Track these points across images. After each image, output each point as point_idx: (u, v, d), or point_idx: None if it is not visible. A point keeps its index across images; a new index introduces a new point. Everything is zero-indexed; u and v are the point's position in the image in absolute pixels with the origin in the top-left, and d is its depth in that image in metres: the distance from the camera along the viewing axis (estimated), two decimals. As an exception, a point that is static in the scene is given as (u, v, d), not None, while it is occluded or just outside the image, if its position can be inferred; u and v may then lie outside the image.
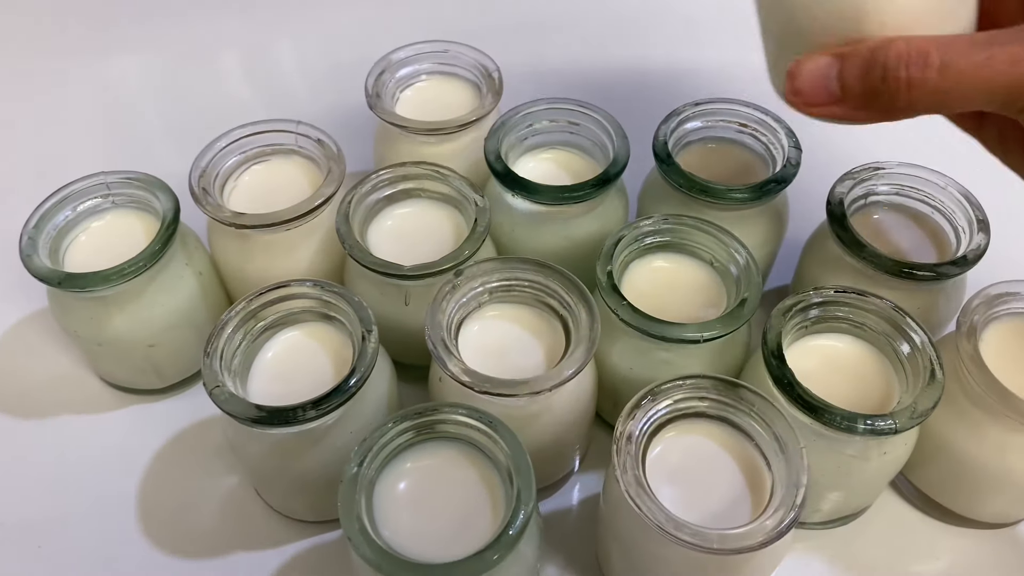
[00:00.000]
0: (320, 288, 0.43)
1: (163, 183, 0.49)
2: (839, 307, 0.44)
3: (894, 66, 0.29)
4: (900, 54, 0.29)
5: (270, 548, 0.47)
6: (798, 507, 0.36)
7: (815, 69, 0.31)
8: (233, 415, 0.39)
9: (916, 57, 0.29)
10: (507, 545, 0.35)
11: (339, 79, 0.68)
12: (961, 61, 0.29)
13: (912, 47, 0.29)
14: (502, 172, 0.49)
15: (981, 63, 0.28)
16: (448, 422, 0.39)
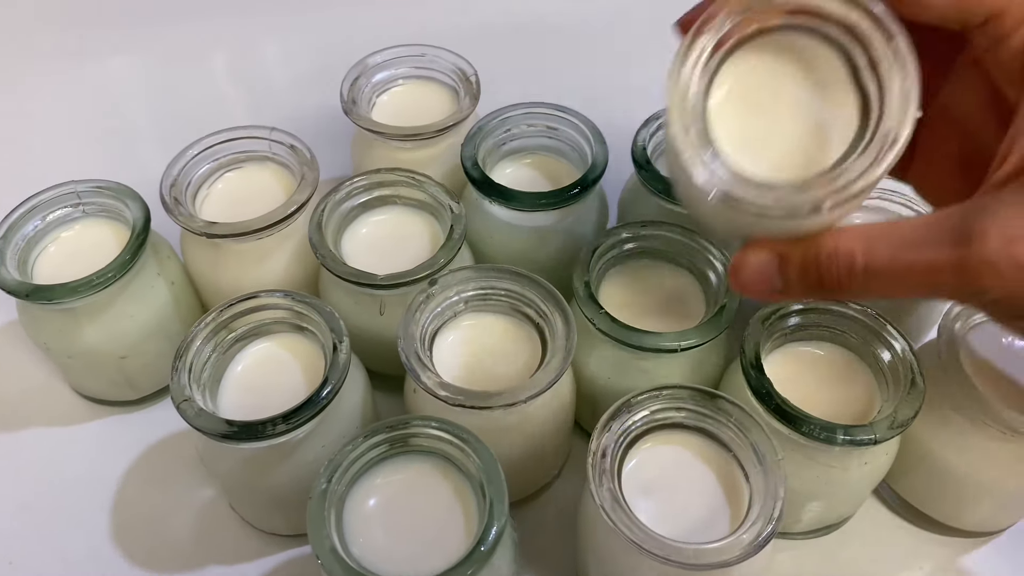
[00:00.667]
0: (291, 299, 0.43)
1: (133, 192, 0.49)
2: (819, 315, 0.43)
3: (826, 267, 0.30)
4: (831, 255, 0.30)
5: (245, 562, 0.46)
6: (776, 520, 0.35)
7: (757, 266, 0.32)
8: (202, 430, 0.39)
9: (843, 260, 0.30)
10: (479, 560, 0.34)
11: (319, 84, 0.67)
12: (883, 264, 0.29)
13: (840, 247, 0.30)
14: (479, 179, 0.49)
15: (903, 268, 0.29)
16: (420, 436, 0.38)
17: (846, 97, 0.31)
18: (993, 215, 0.27)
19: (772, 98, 0.32)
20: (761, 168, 0.31)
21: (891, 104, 0.29)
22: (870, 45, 0.30)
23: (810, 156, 0.31)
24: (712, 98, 0.32)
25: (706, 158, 0.30)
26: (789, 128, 0.32)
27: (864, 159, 0.29)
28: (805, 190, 0.30)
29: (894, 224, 0.29)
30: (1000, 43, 0.29)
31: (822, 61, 0.31)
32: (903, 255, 0.29)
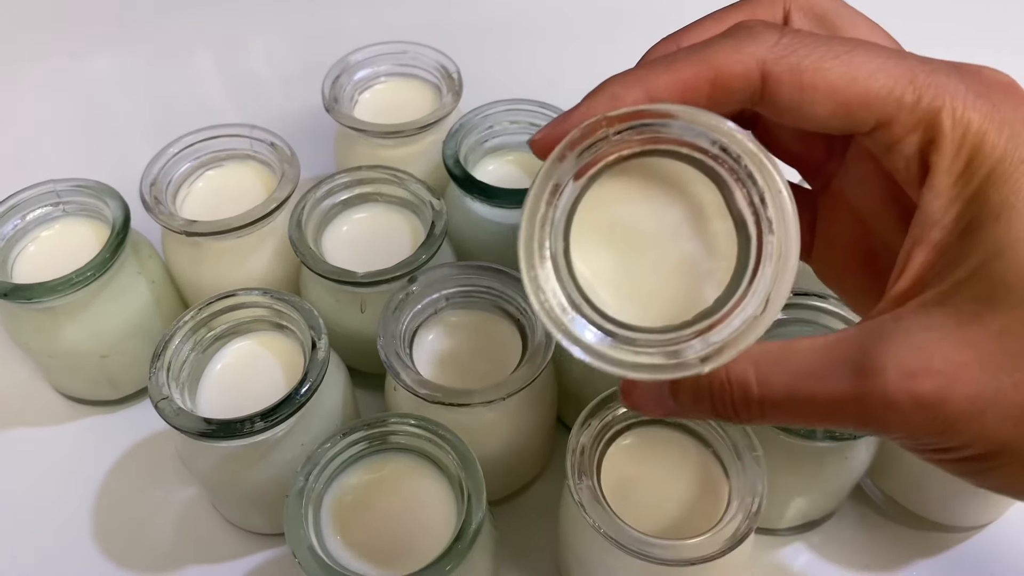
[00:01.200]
0: (270, 296, 0.43)
1: (113, 190, 0.48)
2: (798, 310, 0.43)
3: (719, 397, 0.27)
4: (722, 384, 0.27)
5: (226, 561, 0.46)
6: (754, 515, 0.35)
7: (648, 388, 0.29)
8: (180, 429, 0.39)
9: (737, 389, 0.27)
10: (457, 556, 0.34)
11: (302, 81, 0.67)
12: (780, 396, 0.26)
13: (732, 376, 0.27)
14: (461, 176, 0.48)
15: (803, 400, 0.26)
16: (398, 433, 0.38)
17: (722, 225, 0.26)
18: (891, 345, 0.25)
19: (643, 231, 0.27)
20: (633, 313, 0.27)
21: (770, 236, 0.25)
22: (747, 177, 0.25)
23: (689, 295, 0.27)
24: (574, 233, 0.27)
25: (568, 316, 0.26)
26: (663, 265, 0.27)
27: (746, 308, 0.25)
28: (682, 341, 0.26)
29: (789, 347, 0.26)
30: (891, 150, 0.26)
31: (695, 187, 0.27)
32: (800, 385, 0.26)
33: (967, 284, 0.25)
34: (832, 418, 0.26)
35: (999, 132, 0.25)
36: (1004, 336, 0.24)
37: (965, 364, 0.24)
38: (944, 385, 0.24)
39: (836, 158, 0.31)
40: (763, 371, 0.26)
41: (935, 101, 0.25)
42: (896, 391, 0.24)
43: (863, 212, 0.31)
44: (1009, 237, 0.24)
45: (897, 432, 0.25)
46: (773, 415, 0.27)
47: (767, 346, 0.27)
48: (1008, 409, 0.24)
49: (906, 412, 0.24)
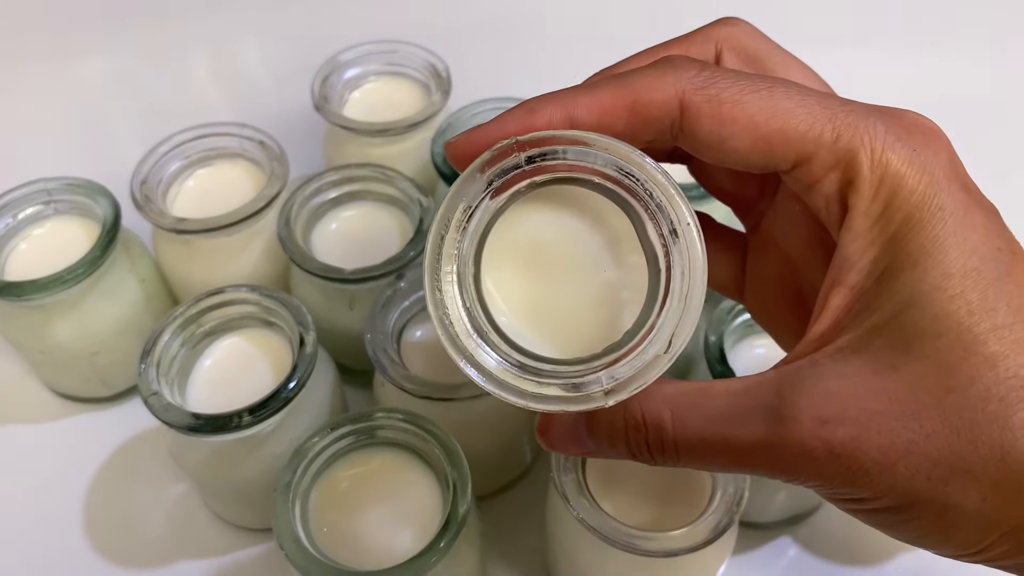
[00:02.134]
0: (258, 293, 0.43)
1: (104, 189, 0.49)
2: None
3: (634, 438, 0.27)
4: (637, 425, 0.27)
5: (217, 556, 0.47)
6: (738, 506, 0.36)
7: (565, 425, 0.29)
8: (169, 424, 0.39)
9: (652, 430, 0.26)
10: (443, 549, 0.35)
11: (293, 80, 0.67)
12: (695, 439, 0.26)
13: (648, 417, 0.26)
14: (449, 174, 0.49)
15: (716, 444, 0.25)
16: (385, 428, 0.39)
17: (633, 257, 0.26)
18: (806, 391, 0.24)
19: (557, 259, 0.26)
20: (545, 342, 0.26)
21: (676, 273, 0.24)
22: (650, 204, 0.25)
23: (602, 326, 0.26)
24: (487, 258, 0.26)
25: (473, 342, 0.25)
26: (577, 295, 0.26)
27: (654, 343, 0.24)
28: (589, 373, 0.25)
29: (705, 390, 0.26)
30: (811, 189, 0.26)
31: (608, 216, 0.26)
32: (714, 430, 0.25)
33: (883, 331, 0.24)
34: (745, 463, 0.26)
35: (918, 176, 0.24)
36: (917, 386, 0.24)
37: (879, 413, 0.24)
38: (857, 434, 0.24)
39: (767, 197, 0.31)
40: (678, 414, 0.26)
41: (853, 141, 0.25)
42: (810, 438, 0.24)
43: (791, 253, 0.31)
44: (924, 285, 0.24)
45: (811, 480, 0.25)
46: (688, 457, 0.26)
47: (683, 387, 0.26)
48: (920, 460, 0.23)
49: (819, 460, 0.24)
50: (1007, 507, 0.23)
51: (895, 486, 0.24)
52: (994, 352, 0.23)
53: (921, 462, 0.23)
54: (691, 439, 0.26)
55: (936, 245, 0.24)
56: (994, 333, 0.23)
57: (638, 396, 0.25)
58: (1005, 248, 0.25)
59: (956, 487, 0.23)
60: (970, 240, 0.24)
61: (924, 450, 0.23)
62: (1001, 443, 0.23)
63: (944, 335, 0.23)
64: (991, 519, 0.24)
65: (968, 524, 0.24)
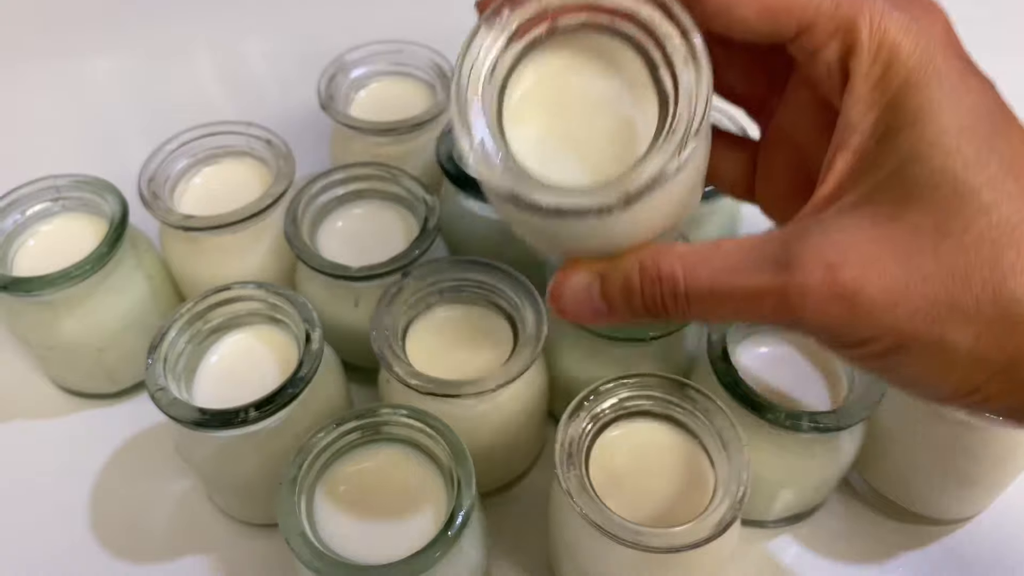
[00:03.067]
0: (265, 290, 0.43)
1: (112, 186, 0.49)
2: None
3: (648, 293, 0.29)
4: (652, 279, 0.29)
5: (222, 551, 0.47)
6: (739, 503, 0.36)
7: (577, 289, 0.30)
8: (176, 419, 0.39)
9: (666, 284, 0.28)
10: (446, 543, 0.35)
11: (299, 80, 0.67)
12: (705, 289, 0.28)
13: (662, 272, 0.28)
14: (454, 173, 0.49)
15: (724, 292, 0.28)
16: (390, 423, 0.39)
17: (647, 95, 0.29)
18: (811, 241, 0.26)
19: (576, 98, 0.30)
20: (566, 171, 0.29)
21: (683, 99, 0.27)
22: (665, 42, 0.28)
23: (617, 156, 0.29)
24: (509, 97, 0.29)
25: (499, 159, 0.27)
26: (595, 129, 0.29)
27: (661, 154, 0.27)
28: (604, 188, 0.27)
29: (717, 245, 0.28)
30: (815, 57, 0.28)
31: (624, 61, 0.29)
32: (724, 279, 0.27)
33: (884, 187, 0.26)
34: (752, 311, 0.28)
35: (915, 42, 0.26)
36: (917, 234, 0.25)
37: (880, 259, 0.26)
38: (860, 276, 0.25)
39: (776, 94, 0.33)
40: (691, 266, 0.28)
41: (852, 9, 0.27)
42: (815, 282, 0.26)
43: (801, 141, 0.32)
44: (922, 143, 0.26)
45: (813, 322, 0.26)
46: (698, 307, 0.28)
47: (695, 245, 0.28)
48: (918, 301, 0.25)
49: (823, 302, 0.26)
50: (999, 344, 0.25)
51: (895, 326, 0.26)
52: (987, 201, 0.25)
53: (919, 302, 0.25)
54: (702, 289, 0.28)
55: (933, 105, 0.26)
56: (988, 185, 0.25)
57: (651, 252, 0.28)
58: (997, 109, 0.27)
59: (951, 326, 0.25)
60: (965, 101, 0.26)
61: (922, 291, 0.25)
62: (993, 283, 0.25)
63: (941, 187, 0.25)
64: (984, 357, 0.25)
65: (963, 363, 0.26)
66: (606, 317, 0.30)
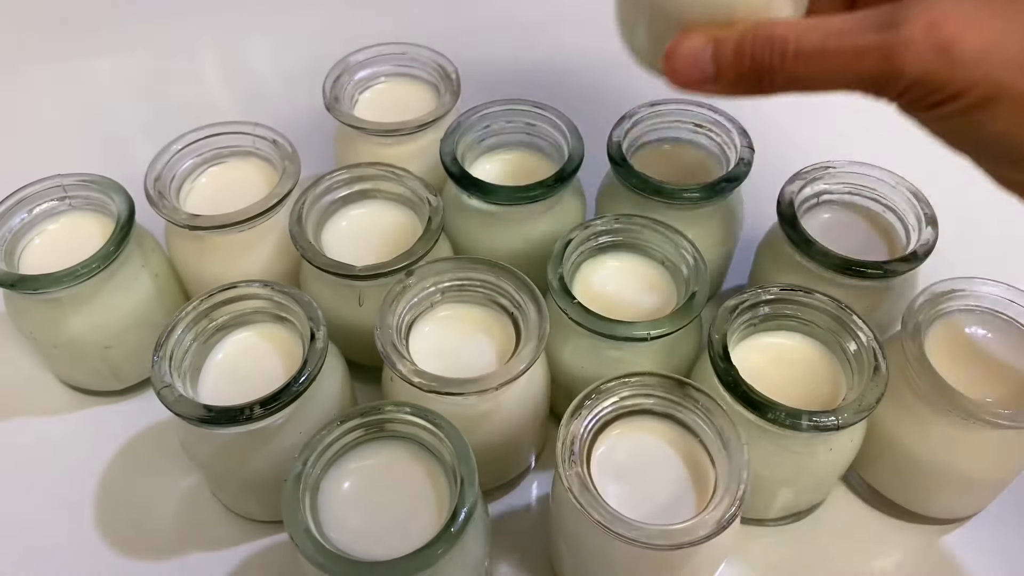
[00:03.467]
0: (270, 288, 0.44)
1: (118, 185, 0.50)
2: (785, 305, 0.44)
3: (759, 54, 0.32)
4: (764, 40, 0.32)
5: (226, 548, 0.47)
6: (739, 501, 0.36)
7: (691, 51, 0.34)
8: (181, 415, 0.40)
9: (777, 44, 0.32)
10: (449, 540, 0.35)
11: (304, 81, 0.68)
12: (814, 49, 0.31)
13: (775, 34, 0.32)
14: (457, 173, 0.50)
15: (832, 52, 0.31)
16: (394, 421, 0.39)
17: None
18: (917, 6, 0.30)
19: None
20: None
21: None
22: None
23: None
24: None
25: None
26: None
27: None
28: None
29: (825, 18, 0.32)
30: None
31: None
32: (833, 41, 0.31)
33: None
34: (857, 70, 0.31)
35: None
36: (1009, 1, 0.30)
37: (979, 16, 0.29)
38: (960, 31, 0.29)
39: None
40: (801, 28, 0.32)
41: None
42: (918, 35, 0.29)
43: None
44: None
45: (913, 73, 0.30)
46: (804, 67, 0.32)
47: (805, 19, 0.33)
48: (1011, 53, 0.29)
49: (924, 53, 0.29)
50: None
51: (989, 74, 0.29)
52: None
53: (1013, 54, 0.29)
54: (812, 48, 0.31)
55: None
56: None
57: (766, 20, 0.33)
58: None
59: None
60: None
61: (1015, 46, 0.29)
62: None
63: None
64: None
65: None
66: (712, 82, 0.34)
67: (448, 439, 0.38)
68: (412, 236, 0.49)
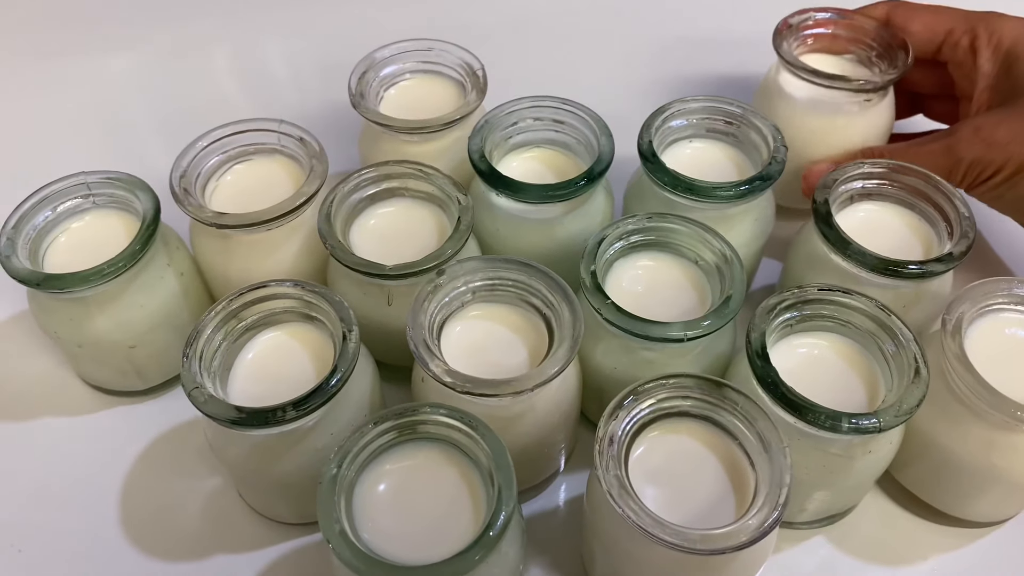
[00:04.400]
0: (300, 288, 0.43)
1: (143, 183, 0.49)
2: (824, 305, 0.44)
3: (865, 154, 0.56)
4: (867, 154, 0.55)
5: (252, 551, 0.47)
6: (781, 506, 0.36)
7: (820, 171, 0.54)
8: (212, 417, 0.39)
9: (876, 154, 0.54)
10: (487, 546, 0.35)
11: (326, 78, 0.67)
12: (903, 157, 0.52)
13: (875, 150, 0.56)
14: (486, 171, 0.49)
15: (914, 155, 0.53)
16: (429, 423, 0.39)
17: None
18: (965, 122, 0.51)
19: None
20: None
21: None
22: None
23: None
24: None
25: None
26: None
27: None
28: None
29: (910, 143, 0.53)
30: (955, 47, 0.56)
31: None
32: (914, 149, 0.52)
33: (1007, 96, 0.52)
34: (932, 163, 0.50)
35: (1012, 30, 0.53)
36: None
37: (1006, 119, 0.50)
38: (994, 128, 0.50)
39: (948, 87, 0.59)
40: (891, 147, 0.54)
41: (972, 18, 0.55)
42: (967, 133, 0.50)
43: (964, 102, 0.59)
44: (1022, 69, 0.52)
45: (966, 158, 0.50)
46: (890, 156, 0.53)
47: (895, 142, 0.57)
48: None
49: (972, 144, 0.50)
50: None
51: (1016, 154, 0.49)
52: None
53: None
54: (901, 156, 0.52)
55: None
56: None
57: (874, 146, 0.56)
58: None
59: None
60: None
61: None
62: None
63: None
64: None
65: None
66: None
67: (484, 441, 0.38)
68: (440, 235, 0.49)
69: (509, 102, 0.53)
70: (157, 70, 0.77)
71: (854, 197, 0.51)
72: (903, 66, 0.55)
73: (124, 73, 0.77)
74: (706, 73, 0.70)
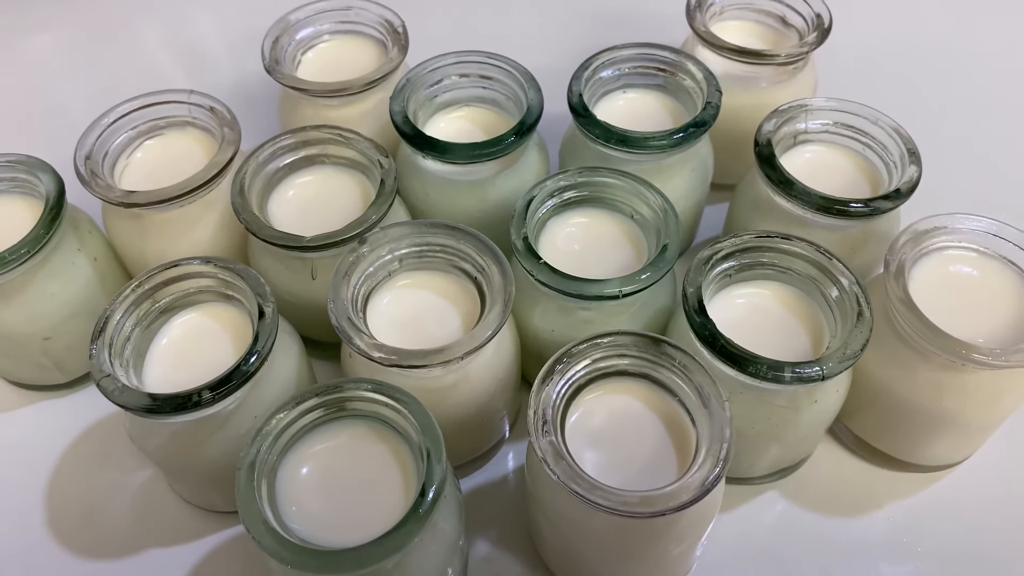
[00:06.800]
0: (213, 265, 0.41)
1: (46, 164, 0.46)
2: (763, 252, 0.42)
3: None
4: None
5: (187, 542, 0.45)
6: (723, 461, 0.34)
7: None
8: (125, 406, 0.37)
9: None
10: (418, 521, 0.33)
11: (244, 47, 0.64)
12: None
13: None
14: (410, 133, 0.47)
15: None
16: (355, 399, 0.37)
17: None
18: None
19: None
20: None
21: None
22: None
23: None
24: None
25: None
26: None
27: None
28: None
29: None
30: None
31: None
32: None
33: None
34: None
35: None
36: None
37: None
38: None
39: None
40: None
41: None
42: None
43: None
44: None
45: None
46: None
47: None
48: None
49: None
50: None
51: None
52: None
53: None
54: None
55: None
56: None
57: None
58: None
59: None
60: None
61: None
62: None
63: None
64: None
65: None
66: None
67: (412, 414, 0.36)
68: (365, 203, 0.47)
69: (432, 59, 0.51)
70: (74, 47, 0.73)
71: (797, 138, 0.49)
72: (823, 33, 0.51)
73: (39, 52, 0.73)
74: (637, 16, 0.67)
